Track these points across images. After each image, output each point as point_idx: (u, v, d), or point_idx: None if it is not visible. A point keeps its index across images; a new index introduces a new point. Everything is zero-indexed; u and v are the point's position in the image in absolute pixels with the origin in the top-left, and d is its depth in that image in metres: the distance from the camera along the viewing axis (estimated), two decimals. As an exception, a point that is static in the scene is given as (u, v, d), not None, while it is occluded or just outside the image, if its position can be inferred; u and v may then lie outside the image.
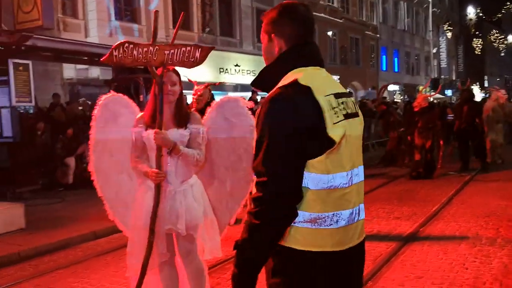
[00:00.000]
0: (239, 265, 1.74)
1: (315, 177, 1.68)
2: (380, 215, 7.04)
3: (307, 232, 1.72)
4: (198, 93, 5.46)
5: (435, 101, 29.97)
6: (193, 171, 3.26)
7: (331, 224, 1.72)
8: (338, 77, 30.18)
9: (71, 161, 9.65)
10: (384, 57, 37.18)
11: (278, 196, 1.64)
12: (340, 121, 1.70)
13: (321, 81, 1.76)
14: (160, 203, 3.12)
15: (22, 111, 8.80)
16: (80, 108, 12.16)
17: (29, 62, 8.65)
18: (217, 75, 19.99)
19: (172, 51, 3.08)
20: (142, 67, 3.07)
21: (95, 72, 15.61)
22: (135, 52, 2.98)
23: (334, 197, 1.71)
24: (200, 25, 20.43)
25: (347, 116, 1.75)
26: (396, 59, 39.02)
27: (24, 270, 5.11)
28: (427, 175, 9.98)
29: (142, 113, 3.27)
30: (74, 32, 15.01)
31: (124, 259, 3.18)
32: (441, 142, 10.71)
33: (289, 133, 1.64)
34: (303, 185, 1.68)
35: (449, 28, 45.93)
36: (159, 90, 3.10)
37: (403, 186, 9.50)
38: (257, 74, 1.89)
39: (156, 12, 3.10)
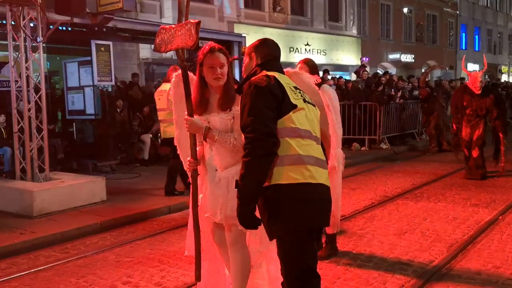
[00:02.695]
0: (240, 197, 2.44)
1: (287, 129, 2.47)
2: (456, 201, 6.78)
3: (286, 170, 2.44)
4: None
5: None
6: (236, 157, 2.93)
7: (303, 163, 2.46)
8: (413, 56, 29.03)
9: (147, 138, 10.09)
10: (463, 35, 35.20)
11: (261, 136, 2.36)
12: (298, 99, 2.56)
13: (282, 77, 2.62)
14: (204, 190, 3.12)
15: (103, 89, 9.28)
16: (155, 86, 12.59)
17: (110, 43, 9.09)
18: (287, 54, 19.88)
19: (181, 31, 2.90)
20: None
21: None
22: (165, 37, 2.93)
23: (302, 144, 2.49)
24: (271, 4, 20.33)
25: (305, 100, 2.60)
26: (476, 37, 36.83)
27: (105, 240, 5.46)
28: (473, 176, 8.22)
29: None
30: (150, 13, 15.49)
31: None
32: (501, 135, 8.29)
33: (265, 98, 2.44)
34: (280, 137, 2.44)
35: (537, 2, 42.58)
36: (183, 74, 2.99)
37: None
38: (241, 82, 2.71)
39: None
